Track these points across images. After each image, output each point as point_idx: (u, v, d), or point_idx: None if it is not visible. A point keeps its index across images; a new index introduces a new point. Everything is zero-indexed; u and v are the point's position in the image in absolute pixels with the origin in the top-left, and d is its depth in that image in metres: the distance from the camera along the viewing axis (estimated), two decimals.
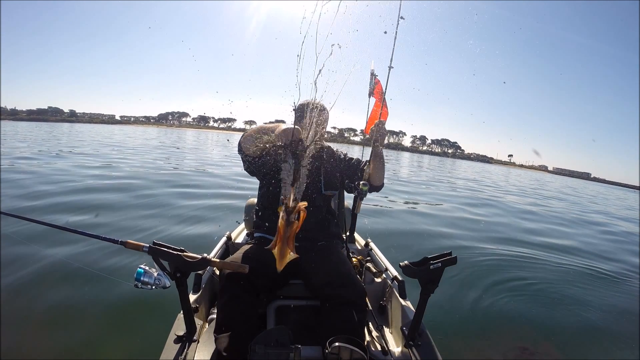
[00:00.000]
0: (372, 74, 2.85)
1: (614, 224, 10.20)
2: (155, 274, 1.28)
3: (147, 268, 1.28)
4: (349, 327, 1.44)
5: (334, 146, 2.10)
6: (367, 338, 1.57)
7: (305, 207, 1.19)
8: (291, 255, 1.23)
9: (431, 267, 1.34)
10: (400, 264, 1.39)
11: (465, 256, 4.50)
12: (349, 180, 2.04)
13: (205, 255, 1.30)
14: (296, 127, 1.28)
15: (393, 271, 1.93)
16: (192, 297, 1.54)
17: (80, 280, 2.85)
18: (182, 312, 1.35)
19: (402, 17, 1.95)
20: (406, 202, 8.53)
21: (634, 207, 18.67)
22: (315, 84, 1.17)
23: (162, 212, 5.31)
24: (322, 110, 1.87)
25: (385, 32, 1.87)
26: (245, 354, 1.30)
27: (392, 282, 1.84)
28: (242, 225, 2.54)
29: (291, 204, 1.20)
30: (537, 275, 4.25)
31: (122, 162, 11.30)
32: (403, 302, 1.70)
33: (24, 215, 1.46)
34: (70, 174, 8.10)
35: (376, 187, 2.01)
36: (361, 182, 1.95)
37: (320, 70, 1.14)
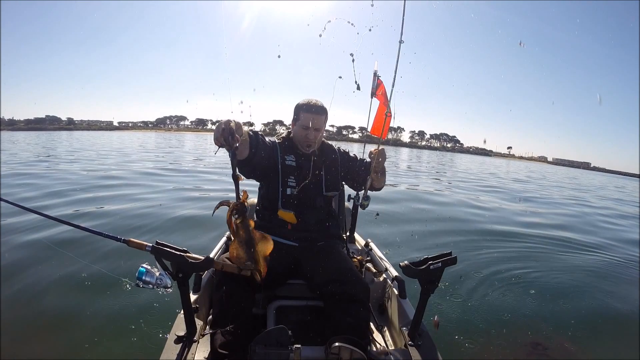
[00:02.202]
0: (375, 75, 2.84)
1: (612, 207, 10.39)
2: (157, 274, 1.29)
3: (148, 267, 1.29)
4: (355, 324, 1.45)
5: (334, 144, 2.07)
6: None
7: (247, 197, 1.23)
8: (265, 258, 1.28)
9: (431, 267, 1.34)
10: (400, 264, 1.40)
11: (464, 248, 4.53)
12: (351, 183, 2.05)
13: (208, 256, 1.31)
14: (227, 119, 1.24)
15: (393, 271, 1.93)
16: (193, 297, 1.55)
17: (79, 277, 2.88)
18: (182, 312, 1.36)
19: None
20: (409, 189, 8.80)
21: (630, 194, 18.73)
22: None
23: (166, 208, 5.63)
24: (324, 113, 1.83)
25: (370, 29, 1.82)
26: (240, 351, 1.31)
27: (392, 282, 1.84)
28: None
29: (238, 199, 1.24)
30: (542, 264, 4.28)
31: (127, 164, 11.54)
32: (403, 302, 1.71)
33: (32, 208, 1.46)
34: (79, 176, 8.62)
35: (377, 189, 2.03)
36: (362, 198, 2.00)
37: None
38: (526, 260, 4.36)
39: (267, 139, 1.79)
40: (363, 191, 2.00)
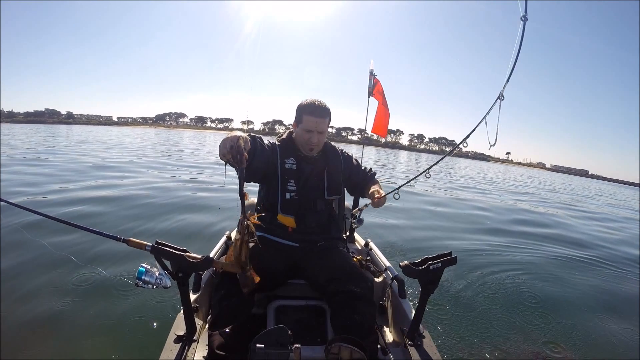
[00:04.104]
0: (371, 74, 2.85)
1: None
2: (157, 274, 1.27)
3: (148, 267, 1.28)
4: (362, 321, 1.45)
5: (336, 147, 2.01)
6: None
7: (260, 230, 1.23)
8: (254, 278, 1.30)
9: (431, 267, 1.34)
10: (400, 264, 1.40)
11: (463, 248, 4.56)
12: (350, 189, 2.04)
13: (208, 255, 1.30)
14: (233, 136, 1.22)
15: (393, 271, 1.92)
16: (192, 297, 1.54)
17: (80, 276, 2.86)
18: (182, 311, 1.35)
19: None
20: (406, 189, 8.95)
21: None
22: None
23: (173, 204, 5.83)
24: (327, 115, 1.77)
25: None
26: (238, 352, 1.30)
27: (392, 282, 1.84)
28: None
29: (244, 217, 1.24)
30: (538, 265, 4.30)
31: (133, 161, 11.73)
32: (403, 302, 1.70)
33: (31, 208, 1.44)
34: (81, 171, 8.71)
35: None
36: (357, 220, 2.08)
37: None
38: (523, 262, 4.38)
39: (265, 140, 1.74)
40: (357, 214, 2.03)
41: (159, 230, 4.39)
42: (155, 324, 2.29)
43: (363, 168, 2.03)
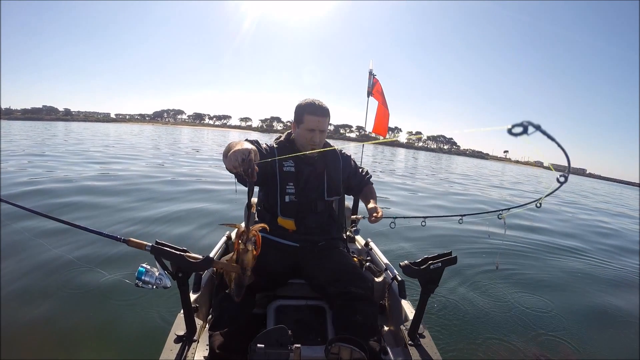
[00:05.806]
0: (371, 74, 2.86)
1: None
2: (157, 274, 1.27)
3: (148, 267, 1.27)
4: (364, 322, 1.45)
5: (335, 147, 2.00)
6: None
7: (260, 230, 1.22)
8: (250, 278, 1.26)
9: (431, 267, 1.34)
10: (400, 263, 1.40)
11: (463, 247, 4.56)
12: (347, 190, 2.04)
13: (207, 256, 1.30)
14: (244, 148, 1.21)
15: (393, 271, 1.92)
16: (192, 297, 1.54)
17: (80, 276, 2.85)
18: (182, 311, 1.35)
19: None
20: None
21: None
22: None
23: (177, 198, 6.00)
24: (327, 114, 1.77)
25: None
26: (239, 352, 1.30)
27: (392, 282, 1.84)
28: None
29: (247, 230, 1.21)
30: (537, 264, 4.30)
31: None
32: (403, 302, 1.70)
33: (30, 208, 1.42)
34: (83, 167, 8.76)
35: None
36: (352, 229, 2.16)
37: None
38: (524, 257, 4.42)
39: (263, 144, 1.75)
40: (357, 222, 2.13)
41: (159, 217, 4.50)
42: (155, 324, 2.29)
43: (360, 170, 2.04)
